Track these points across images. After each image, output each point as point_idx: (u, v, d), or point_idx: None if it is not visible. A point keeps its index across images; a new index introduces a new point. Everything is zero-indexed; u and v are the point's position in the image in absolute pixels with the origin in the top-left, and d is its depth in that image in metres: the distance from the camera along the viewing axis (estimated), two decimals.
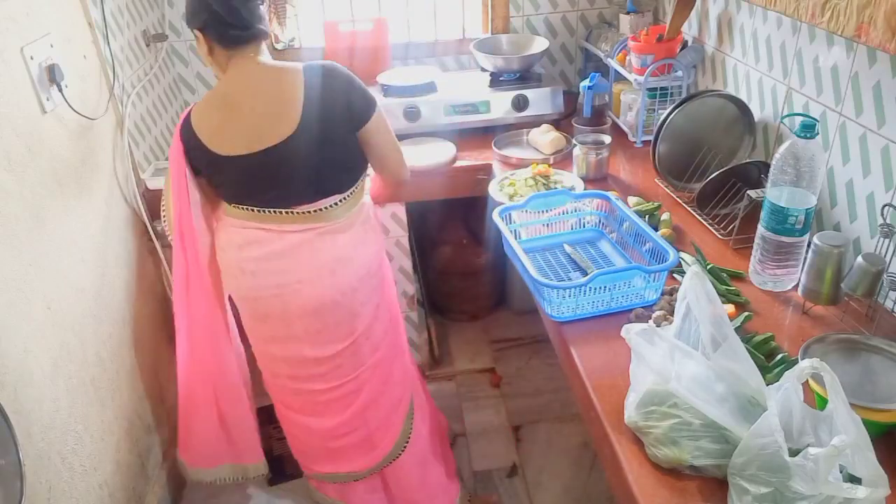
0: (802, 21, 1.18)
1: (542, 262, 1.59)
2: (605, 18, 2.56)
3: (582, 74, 2.53)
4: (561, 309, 1.37)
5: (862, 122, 1.40)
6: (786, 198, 1.32)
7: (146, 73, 2.19)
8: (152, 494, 1.91)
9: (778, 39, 1.67)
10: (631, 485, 1.03)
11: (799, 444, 0.97)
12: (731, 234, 1.58)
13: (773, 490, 0.89)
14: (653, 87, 2.04)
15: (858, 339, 1.14)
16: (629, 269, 1.40)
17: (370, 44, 2.47)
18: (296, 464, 1.93)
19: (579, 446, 2.22)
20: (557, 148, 2.10)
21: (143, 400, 1.92)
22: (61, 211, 1.57)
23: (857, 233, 1.44)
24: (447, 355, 2.70)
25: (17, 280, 1.37)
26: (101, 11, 1.85)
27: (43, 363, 1.42)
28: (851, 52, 1.41)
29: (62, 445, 1.46)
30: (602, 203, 1.65)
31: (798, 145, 1.28)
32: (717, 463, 1.00)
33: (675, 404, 1.02)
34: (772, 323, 1.34)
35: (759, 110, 1.79)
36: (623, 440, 1.10)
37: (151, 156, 2.16)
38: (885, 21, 0.94)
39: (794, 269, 1.39)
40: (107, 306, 1.75)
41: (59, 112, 1.59)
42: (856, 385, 1.05)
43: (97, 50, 1.84)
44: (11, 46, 1.43)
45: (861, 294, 1.22)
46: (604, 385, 1.21)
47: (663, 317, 1.31)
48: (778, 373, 1.15)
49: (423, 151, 2.18)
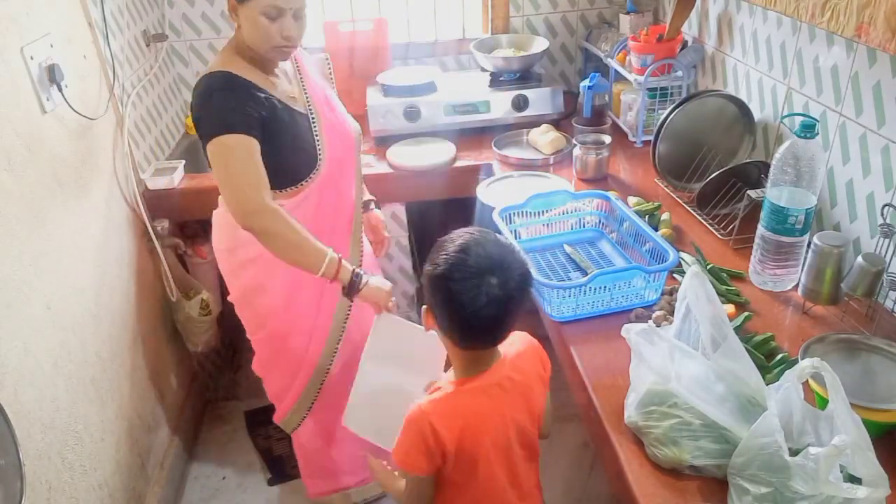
0: (802, 21, 1.18)
1: (542, 262, 1.59)
2: (605, 18, 2.56)
3: (582, 74, 2.53)
4: (561, 309, 1.37)
5: (862, 122, 1.40)
6: (786, 198, 1.32)
7: (146, 73, 2.19)
8: (152, 494, 1.90)
9: (778, 39, 1.67)
10: (631, 485, 1.03)
11: (799, 443, 0.97)
12: (731, 234, 1.58)
13: (774, 490, 0.89)
14: (653, 87, 2.04)
15: (858, 339, 1.14)
16: (629, 269, 1.39)
17: (370, 44, 2.47)
18: (296, 464, 1.93)
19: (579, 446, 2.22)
20: (557, 148, 2.10)
21: (143, 400, 1.92)
22: (61, 211, 1.57)
23: (857, 233, 1.44)
24: None
25: (17, 280, 1.37)
26: (101, 11, 1.85)
27: (43, 363, 1.42)
28: (851, 52, 1.41)
29: (62, 445, 1.46)
30: (602, 203, 1.65)
31: (798, 145, 1.28)
32: (717, 463, 1.00)
33: (675, 404, 1.02)
34: (772, 323, 1.34)
35: (759, 110, 1.79)
36: (623, 440, 1.10)
37: (151, 156, 2.16)
38: (885, 21, 0.94)
39: (794, 269, 1.39)
40: (107, 306, 1.75)
41: (59, 112, 1.59)
42: (856, 385, 1.05)
43: (97, 50, 1.84)
44: (11, 46, 1.43)
45: (861, 294, 1.22)
46: (604, 385, 1.21)
47: (663, 317, 1.31)
48: (778, 373, 1.15)
49: (423, 151, 2.18)
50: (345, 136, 1.62)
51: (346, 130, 1.63)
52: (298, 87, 1.57)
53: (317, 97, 1.58)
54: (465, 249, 1.03)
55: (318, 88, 1.61)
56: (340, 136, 1.60)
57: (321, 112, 1.57)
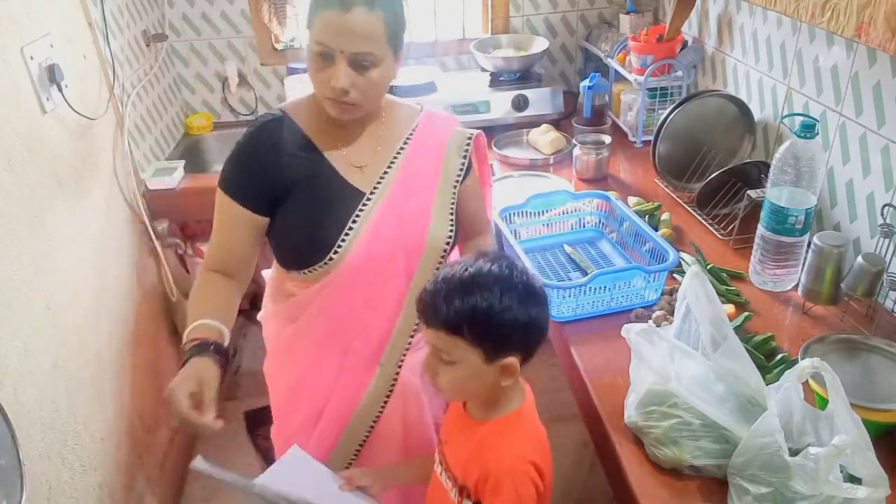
0: (802, 21, 1.18)
1: (542, 262, 1.59)
2: (605, 18, 2.56)
3: (582, 74, 2.53)
4: (561, 309, 1.37)
5: (862, 122, 1.40)
6: (786, 198, 1.32)
7: (146, 73, 2.19)
8: (152, 494, 1.90)
9: (778, 39, 1.67)
10: (631, 485, 1.03)
11: (799, 443, 0.97)
12: (731, 234, 1.58)
13: (774, 490, 0.89)
14: (653, 87, 2.04)
15: (858, 339, 1.14)
16: (629, 269, 1.39)
17: None
18: None
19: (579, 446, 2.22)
20: (557, 148, 2.10)
21: (143, 400, 1.92)
22: (61, 211, 1.57)
23: (857, 233, 1.44)
24: None
25: (17, 280, 1.37)
26: (101, 11, 1.85)
27: (43, 363, 1.42)
28: (851, 52, 1.41)
29: (62, 445, 1.46)
30: (602, 203, 1.65)
31: (798, 145, 1.28)
32: (717, 463, 1.00)
33: (675, 404, 1.02)
34: (772, 323, 1.34)
35: (759, 110, 1.79)
36: (623, 440, 1.10)
37: (151, 156, 2.16)
38: (885, 21, 0.94)
39: (794, 269, 1.39)
40: (107, 306, 1.75)
41: (59, 112, 1.59)
42: (856, 385, 1.05)
43: (97, 50, 1.84)
44: (11, 46, 1.43)
45: (861, 294, 1.22)
46: (604, 385, 1.21)
47: (663, 317, 1.31)
48: (778, 373, 1.15)
49: None
50: (405, 238, 1.22)
51: (414, 231, 1.23)
52: (385, 157, 1.25)
53: (404, 177, 1.24)
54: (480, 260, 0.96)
55: (418, 170, 1.26)
56: (396, 236, 1.21)
57: (392, 196, 1.22)
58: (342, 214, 1.20)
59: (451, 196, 1.27)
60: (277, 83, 2.56)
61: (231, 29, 2.46)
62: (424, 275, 1.22)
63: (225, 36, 2.47)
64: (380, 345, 1.26)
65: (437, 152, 1.28)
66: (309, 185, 1.20)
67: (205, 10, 2.41)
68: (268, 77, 2.55)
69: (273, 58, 2.53)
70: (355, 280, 1.21)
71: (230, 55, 2.50)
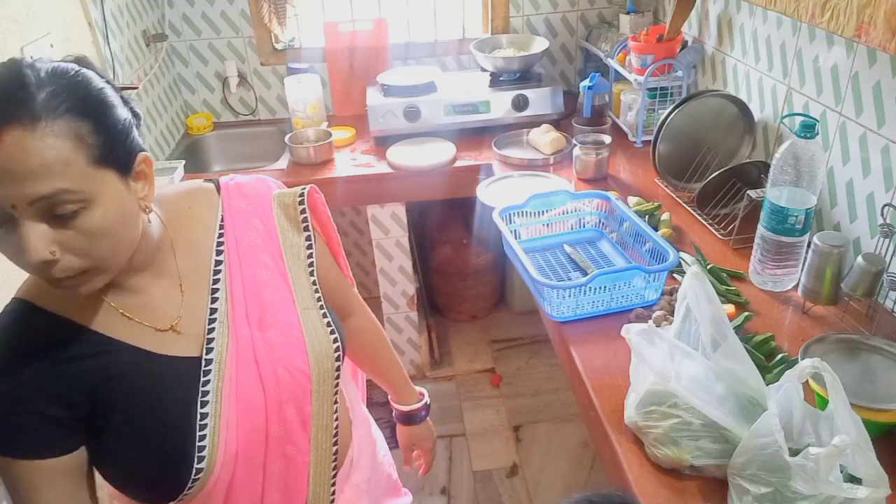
0: (802, 21, 1.18)
1: (542, 262, 1.59)
2: (605, 18, 2.56)
3: (582, 74, 2.53)
4: (561, 309, 1.37)
5: (862, 122, 1.40)
6: (786, 198, 1.32)
7: (146, 73, 2.19)
8: None
9: (778, 39, 1.67)
10: (631, 485, 1.03)
11: (799, 443, 0.97)
12: (731, 234, 1.58)
13: (774, 490, 0.89)
14: (653, 87, 2.04)
15: (858, 339, 1.14)
16: (629, 269, 1.39)
17: (370, 44, 2.47)
18: None
19: (579, 446, 2.23)
20: (557, 148, 2.10)
21: None
22: None
23: (857, 233, 1.44)
24: (447, 355, 2.70)
25: (17, 280, 1.37)
26: (101, 11, 1.85)
27: None
28: (851, 52, 1.41)
29: None
30: (602, 203, 1.65)
31: (798, 145, 1.28)
32: (717, 463, 1.00)
33: (675, 404, 1.02)
34: (772, 323, 1.34)
35: (759, 110, 1.79)
36: (623, 440, 1.10)
37: (151, 156, 2.16)
38: (885, 21, 0.94)
39: (794, 269, 1.39)
40: None
41: None
42: (856, 385, 1.05)
43: (97, 50, 1.84)
44: (11, 46, 1.43)
45: (861, 294, 1.22)
46: (604, 385, 1.21)
47: (663, 317, 1.31)
48: (778, 373, 1.15)
49: (423, 151, 2.18)
50: (281, 387, 0.87)
51: (290, 369, 0.88)
52: (197, 289, 0.87)
53: (240, 300, 0.87)
54: None
55: (254, 279, 0.90)
56: (271, 391, 0.87)
57: (238, 338, 0.86)
58: (181, 406, 0.82)
59: (312, 286, 0.94)
60: (277, 83, 2.56)
61: (231, 29, 2.46)
62: (323, 417, 0.92)
63: (225, 36, 2.47)
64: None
65: (266, 238, 0.93)
66: (106, 389, 0.80)
67: (205, 10, 2.41)
68: (268, 77, 2.56)
69: (273, 58, 2.53)
70: (244, 478, 0.87)
71: (230, 55, 2.50)
